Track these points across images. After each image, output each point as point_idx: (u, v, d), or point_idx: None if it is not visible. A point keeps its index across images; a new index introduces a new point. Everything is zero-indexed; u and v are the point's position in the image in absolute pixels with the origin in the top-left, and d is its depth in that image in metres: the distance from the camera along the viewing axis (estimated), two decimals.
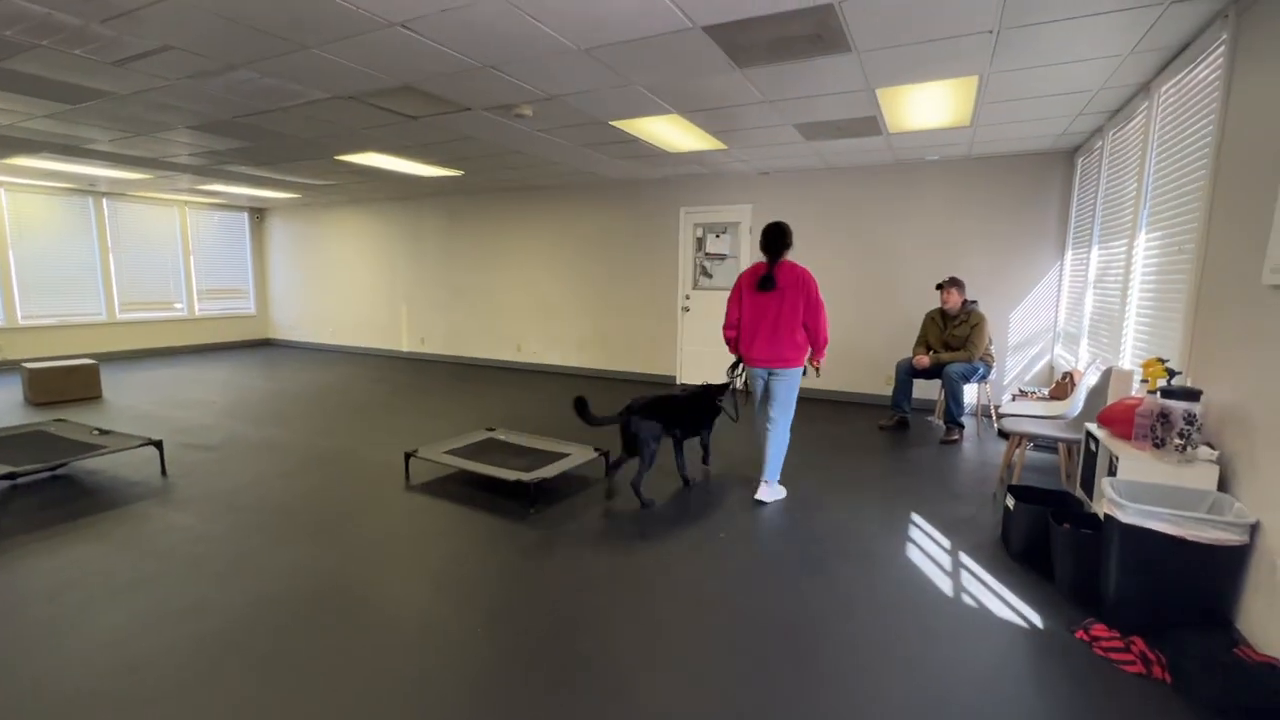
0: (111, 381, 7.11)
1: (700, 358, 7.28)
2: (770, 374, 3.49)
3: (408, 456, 3.87)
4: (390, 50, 3.10)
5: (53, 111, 4.31)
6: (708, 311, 7.19)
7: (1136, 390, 2.91)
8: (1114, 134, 4.14)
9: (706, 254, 7.14)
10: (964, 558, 2.84)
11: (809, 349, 3.47)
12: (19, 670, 1.97)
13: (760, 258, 3.53)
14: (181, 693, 1.86)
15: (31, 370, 5.89)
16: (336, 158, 5.82)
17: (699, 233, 7.21)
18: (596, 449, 3.93)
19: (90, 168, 6.62)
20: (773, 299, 3.41)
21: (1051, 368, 5.53)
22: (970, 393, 5.52)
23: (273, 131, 4.84)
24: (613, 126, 4.61)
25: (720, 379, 4.08)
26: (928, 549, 2.93)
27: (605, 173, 6.72)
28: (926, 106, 4.03)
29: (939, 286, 5.06)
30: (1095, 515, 2.56)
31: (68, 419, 4.59)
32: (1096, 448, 2.73)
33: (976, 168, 5.67)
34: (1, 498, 3.40)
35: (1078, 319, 4.72)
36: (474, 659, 2.04)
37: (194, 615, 2.30)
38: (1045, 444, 4.52)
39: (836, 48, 3.03)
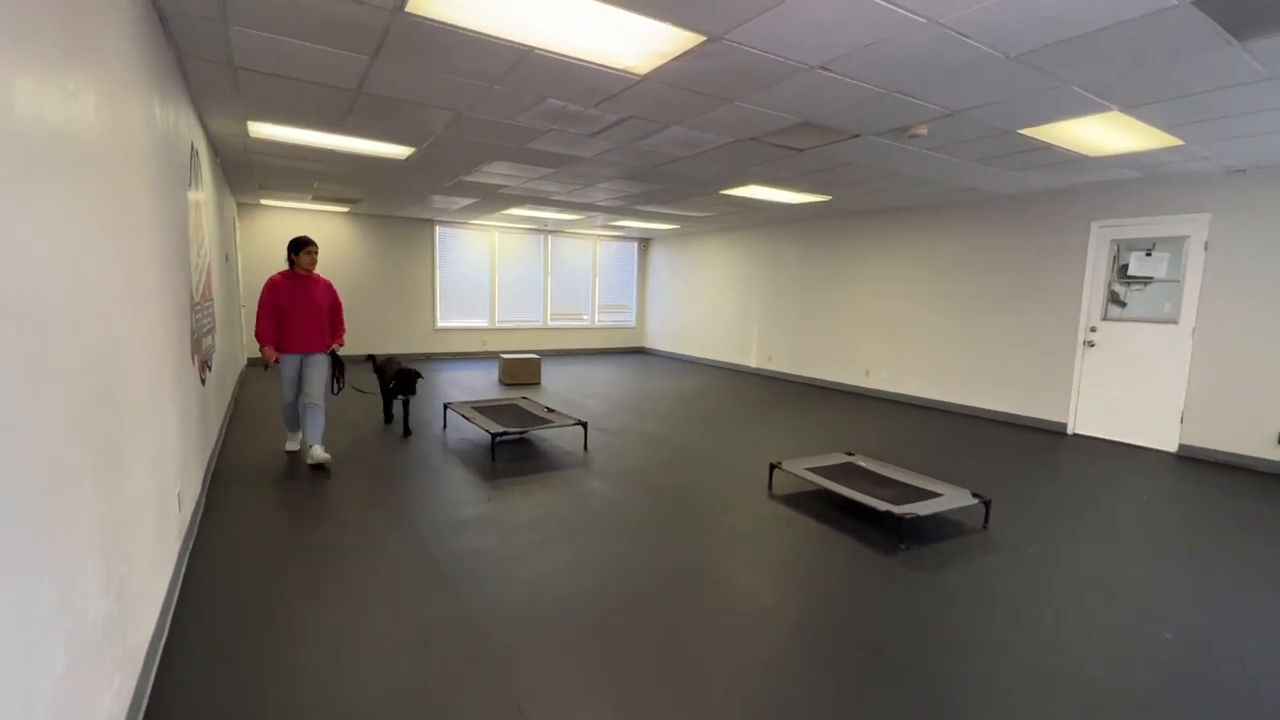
0: (545, 372, 9.42)
1: (1108, 404, 5.87)
2: None
3: (772, 467, 4.11)
4: (802, 91, 3.37)
5: (542, 175, 5.95)
6: (1121, 348, 5.77)
7: None
8: None
9: (1126, 277, 5.74)
10: None
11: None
12: (519, 572, 2.76)
13: None
14: (598, 627, 2.35)
15: (504, 359, 8.23)
16: (722, 192, 6.58)
17: (1115, 251, 5.85)
18: (975, 494, 3.53)
19: (546, 213, 8.91)
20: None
21: None
22: None
23: (679, 174, 5.74)
24: (1021, 135, 4.10)
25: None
26: None
27: (991, 187, 6.01)
28: None
29: None
30: None
31: (529, 397, 6.25)
32: None
33: None
34: (496, 448, 4.82)
35: None
36: (829, 675, 2.06)
37: (615, 565, 2.87)
38: None
39: None
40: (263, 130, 4.62)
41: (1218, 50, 2.71)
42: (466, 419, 5.07)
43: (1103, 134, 4.04)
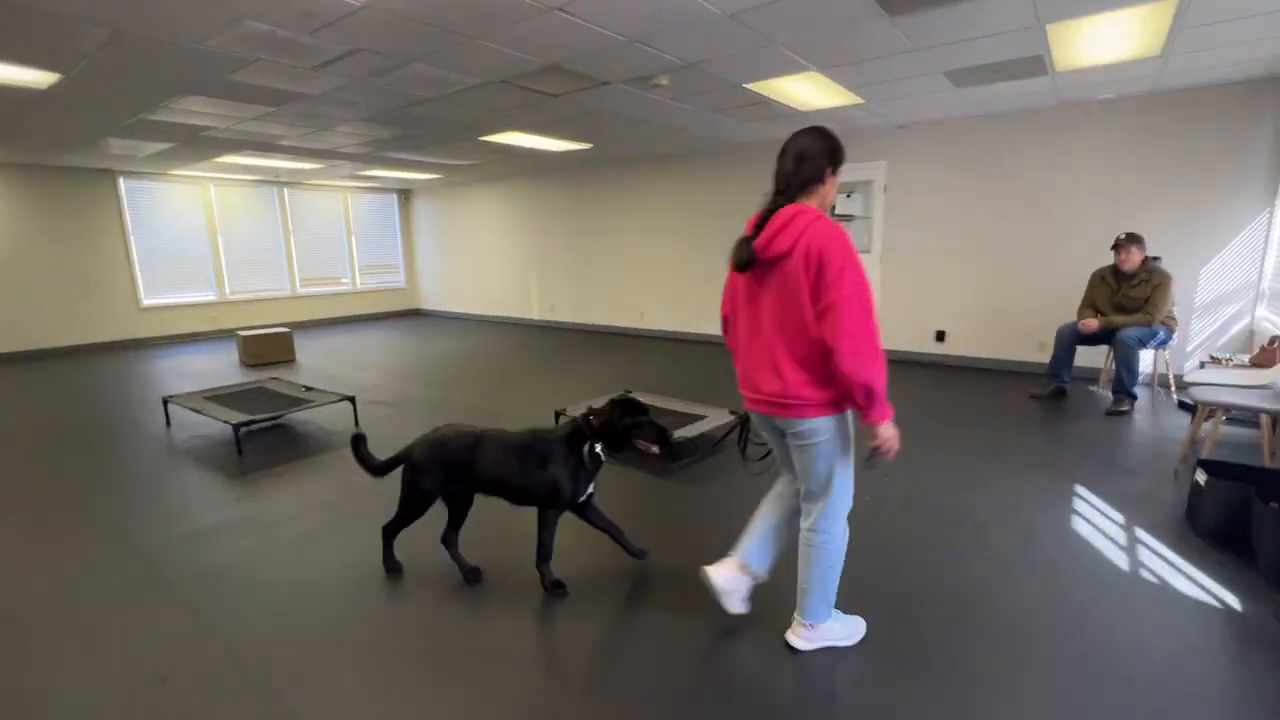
0: (301, 347, 8.26)
1: None
2: (774, 423, 1.84)
3: (557, 415, 4.20)
4: (545, 34, 3.29)
5: (259, 115, 5.01)
6: None
7: None
8: None
9: (835, 215, 6.90)
10: (1141, 534, 2.65)
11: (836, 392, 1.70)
12: (280, 576, 2.46)
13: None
14: (378, 617, 2.25)
15: (244, 337, 7.01)
16: (480, 138, 6.25)
17: None
18: (732, 411, 4.05)
19: (277, 161, 7.61)
20: (758, 288, 1.75)
21: (1252, 332, 4.82)
22: (1145, 360, 4.98)
23: (429, 118, 5.29)
24: (746, 89, 4.56)
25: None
26: (1098, 524, 2.76)
27: (729, 137, 6.65)
28: (1105, 39, 3.60)
29: (1115, 246, 4.53)
30: None
31: (280, 378, 5.44)
32: None
33: (1161, 104, 4.96)
34: (241, 441, 4.14)
35: None
36: (612, 592, 2.27)
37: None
38: (1241, 417, 4.01)
39: None
40: None
41: (874, 22, 3.28)
42: (197, 411, 4.25)
43: (807, 91, 4.69)
